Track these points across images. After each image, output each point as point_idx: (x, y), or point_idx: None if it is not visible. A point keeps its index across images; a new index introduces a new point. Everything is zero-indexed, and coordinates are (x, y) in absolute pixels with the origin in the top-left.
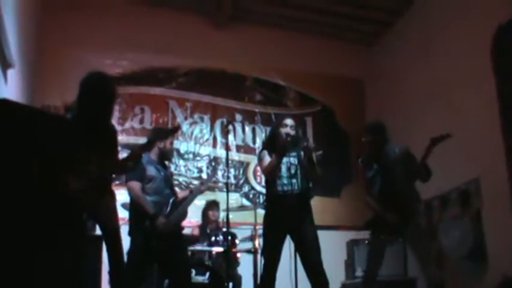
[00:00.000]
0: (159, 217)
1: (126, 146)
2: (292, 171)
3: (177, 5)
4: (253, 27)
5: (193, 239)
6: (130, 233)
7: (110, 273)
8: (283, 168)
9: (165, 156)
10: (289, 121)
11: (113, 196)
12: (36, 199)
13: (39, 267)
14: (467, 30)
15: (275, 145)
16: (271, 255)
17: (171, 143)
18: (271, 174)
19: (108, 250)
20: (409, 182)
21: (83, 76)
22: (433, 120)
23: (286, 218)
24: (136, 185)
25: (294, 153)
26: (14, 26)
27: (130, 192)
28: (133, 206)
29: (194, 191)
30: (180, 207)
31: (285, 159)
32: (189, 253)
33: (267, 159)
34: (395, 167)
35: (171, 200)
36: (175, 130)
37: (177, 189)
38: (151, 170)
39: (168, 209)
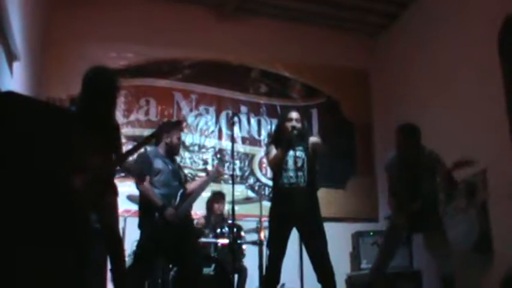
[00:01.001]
0: (168, 208)
1: (131, 138)
2: (299, 164)
3: None
4: (258, 19)
5: (198, 232)
6: (140, 226)
7: (111, 270)
8: (290, 161)
9: (172, 150)
10: (294, 114)
11: (114, 191)
12: (40, 193)
13: (41, 264)
14: (474, 21)
15: (281, 139)
16: (276, 246)
17: (178, 138)
18: (277, 166)
19: (107, 247)
20: (434, 190)
21: (85, 71)
22: (439, 112)
23: (292, 210)
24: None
25: (300, 147)
26: (19, 19)
27: (138, 185)
28: (142, 199)
29: (210, 174)
30: (190, 198)
31: (291, 153)
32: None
33: (274, 152)
34: (423, 173)
35: (179, 192)
36: (178, 123)
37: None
38: (158, 163)
39: (177, 200)
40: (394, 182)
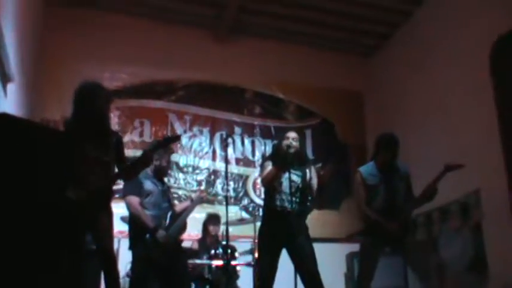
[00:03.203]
0: (159, 230)
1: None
2: (294, 189)
3: (177, 18)
4: (252, 40)
5: (192, 253)
6: (131, 247)
7: None
8: (285, 183)
9: (160, 172)
10: (291, 134)
11: (110, 214)
12: (36, 213)
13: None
14: (467, 42)
15: (276, 157)
16: (265, 266)
17: (167, 161)
18: (269, 183)
19: (102, 268)
20: (408, 201)
21: (76, 87)
22: (433, 132)
23: (283, 232)
24: (134, 199)
25: (298, 171)
26: (14, 40)
27: (129, 207)
28: (133, 220)
29: (194, 201)
30: (179, 220)
31: (287, 175)
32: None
33: (269, 169)
34: (400, 184)
35: (169, 214)
36: (176, 138)
37: (175, 201)
38: (148, 185)
39: (167, 222)
40: (369, 191)
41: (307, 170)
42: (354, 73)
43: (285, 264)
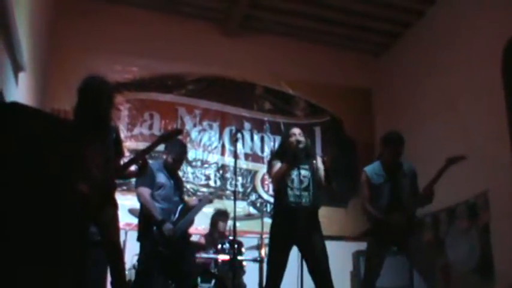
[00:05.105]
0: (166, 223)
1: (134, 151)
2: (305, 184)
3: (188, 12)
4: (263, 36)
5: (199, 247)
6: (139, 239)
7: (111, 282)
8: (296, 180)
9: (172, 167)
10: (296, 130)
11: (115, 205)
12: (42, 204)
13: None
14: (477, 42)
15: (286, 154)
16: (277, 264)
17: (177, 158)
18: (280, 181)
19: (108, 259)
20: (413, 200)
21: (82, 81)
22: (441, 132)
23: (295, 230)
24: (145, 191)
25: (306, 165)
26: (26, 30)
27: (140, 198)
28: (142, 212)
29: (202, 200)
30: (188, 215)
31: (296, 171)
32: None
33: (278, 166)
34: (405, 183)
35: (179, 208)
36: (178, 132)
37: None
38: (161, 177)
39: (176, 216)
40: (374, 190)
41: (314, 161)
42: (363, 71)
43: (291, 262)
